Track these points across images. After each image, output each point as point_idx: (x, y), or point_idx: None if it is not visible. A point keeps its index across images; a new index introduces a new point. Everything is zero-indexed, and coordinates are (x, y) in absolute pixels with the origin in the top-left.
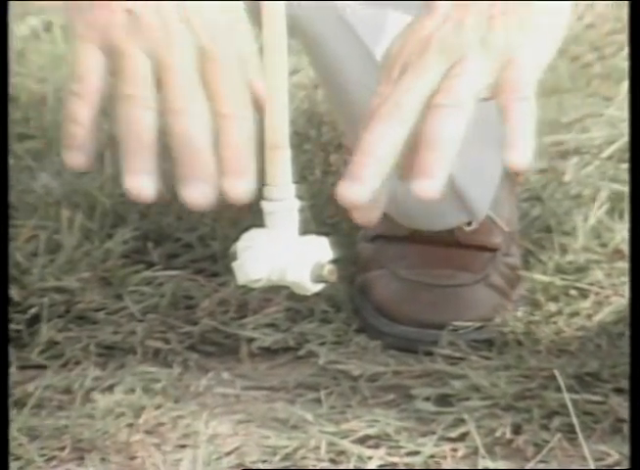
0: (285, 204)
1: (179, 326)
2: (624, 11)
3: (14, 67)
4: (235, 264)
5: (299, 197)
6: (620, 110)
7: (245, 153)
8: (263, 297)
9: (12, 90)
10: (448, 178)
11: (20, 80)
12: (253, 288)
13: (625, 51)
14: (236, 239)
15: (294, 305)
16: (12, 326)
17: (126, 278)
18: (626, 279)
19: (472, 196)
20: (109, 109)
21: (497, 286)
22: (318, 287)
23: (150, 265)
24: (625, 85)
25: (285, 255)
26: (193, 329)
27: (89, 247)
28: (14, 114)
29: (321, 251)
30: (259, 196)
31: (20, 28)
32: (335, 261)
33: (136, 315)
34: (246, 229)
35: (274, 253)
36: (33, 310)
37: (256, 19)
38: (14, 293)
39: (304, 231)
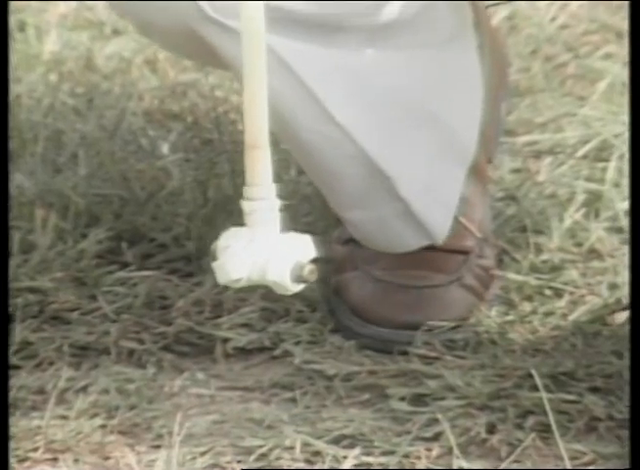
0: (266, 203)
1: (153, 326)
2: (598, 11)
3: None
4: (215, 264)
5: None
6: (595, 109)
7: None
8: (238, 297)
9: None
10: (404, 203)
11: None
12: (228, 288)
13: (600, 51)
14: (210, 239)
15: (269, 304)
16: None
17: (100, 278)
18: (602, 278)
19: (429, 220)
20: (83, 110)
21: (471, 287)
22: (299, 287)
23: (124, 266)
24: (600, 85)
25: (265, 254)
26: (167, 329)
27: (63, 247)
28: None
29: (304, 249)
30: (234, 195)
31: None
32: (315, 261)
33: (110, 316)
34: (220, 229)
35: (254, 252)
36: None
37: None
38: None
39: (281, 230)
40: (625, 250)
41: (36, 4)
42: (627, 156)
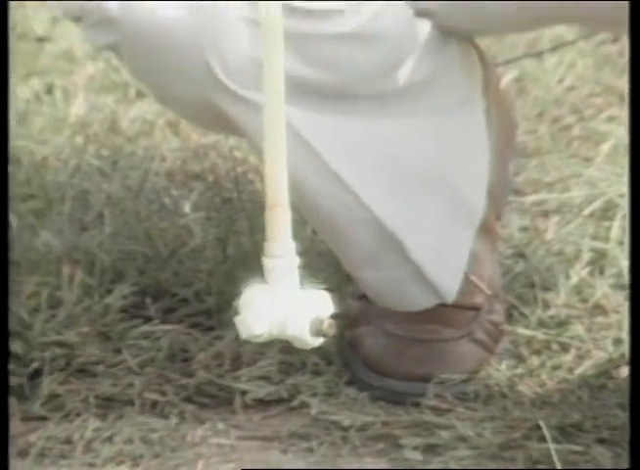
0: (285, 260)
1: (176, 379)
2: (604, 73)
3: (16, 129)
4: (238, 319)
5: None
6: (599, 170)
7: None
8: (256, 350)
9: (14, 152)
10: (415, 266)
11: (21, 142)
12: (247, 341)
13: (604, 114)
14: (230, 294)
15: (286, 357)
16: (14, 379)
17: (125, 332)
18: (607, 333)
19: (440, 281)
20: (108, 171)
21: (481, 341)
22: (318, 341)
23: (147, 320)
24: (604, 147)
25: (285, 310)
26: (189, 381)
27: (89, 302)
28: (16, 175)
29: (322, 305)
30: (253, 252)
31: (22, 90)
32: (334, 316)
33: (134, 368)
34: (240, 285)
35: (275, 308)
36: (35, 364)
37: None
38: (16, 347)
39: (300, 286)
40: None
41: (64, 66)
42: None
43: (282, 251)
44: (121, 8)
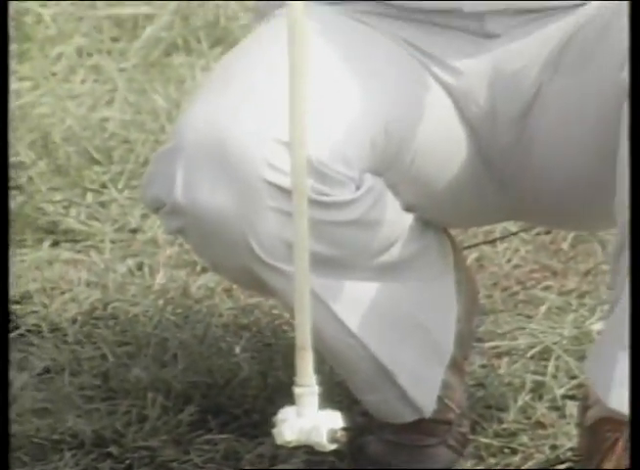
0: (309, 389)
1: None
2: (541, 255)
3: (114, 295)
4: (275, 431)
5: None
6: (539, 324)
7: None
8: (289, 452)
9: (113, 312)
10: (402, 390)
11: (118, 304)
12: (282, 446)
13: (541, 284)
14: (269, 413)
15: (310, 457)
16: None
17: (192, 440)
18: (545, 442)
19: (420, 401)
20: (181, 324)
21: (452, 446)
22: (333, 446)
23: (209, 431)
24: (542, 308)
25: (309, 424)
26: None
27: (167, 418)
28: (115, 329)
29: (335, 421)
30: (287, 382)
31: (120, 267)
32: (343, 429)
33: (199, 464)
34: (277, 406)
35: (302, 423)
36: (128, 462)
37: None
38: (113, 450)
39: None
40: (562, 422)
41: (151, 249)
42: (563, 357)
43: (307, 382)
44: (184, 197)
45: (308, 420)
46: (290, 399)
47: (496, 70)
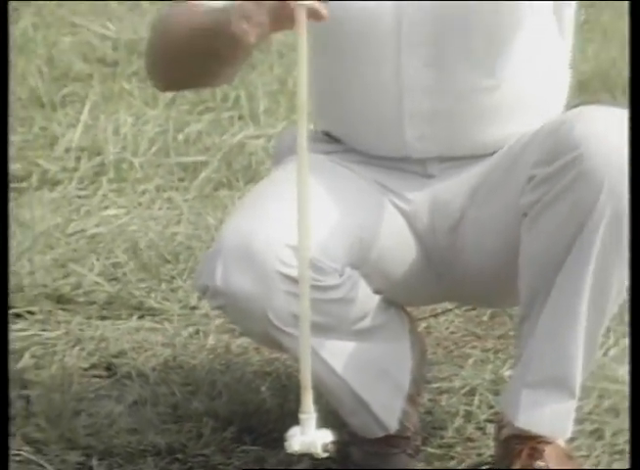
0: (310, 415)
1: None
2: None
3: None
4: (286, 444)
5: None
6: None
7: None
8: (296, 459)
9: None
10: (373, 414)
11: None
12: (292, 454)
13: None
14: (283, 431)
15: (313, 461)
16: None
17: (233, 450)
18: (473, 451)
19: (387, 422)
20: None
21: (410, 454)
22: (325, 454)
23: (243, 443)
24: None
25: (309, 438)
26: None
27: (215, 435)
28: None
29: (326, 436)
30: (295, 410)
31: (183, 333)
32: (332, 442)
33: (238, 466)
34: (288, 426)
35: (304, 437)
36: (189, 464)
37: None
38: (179, 457)
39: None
40: (485, 437)
41: (204, 319)
42: (485, 394)
43: (308, 410)
44: (222, 284)
45: (309, 436)
46: (297, 421)
47: (434, 199)
